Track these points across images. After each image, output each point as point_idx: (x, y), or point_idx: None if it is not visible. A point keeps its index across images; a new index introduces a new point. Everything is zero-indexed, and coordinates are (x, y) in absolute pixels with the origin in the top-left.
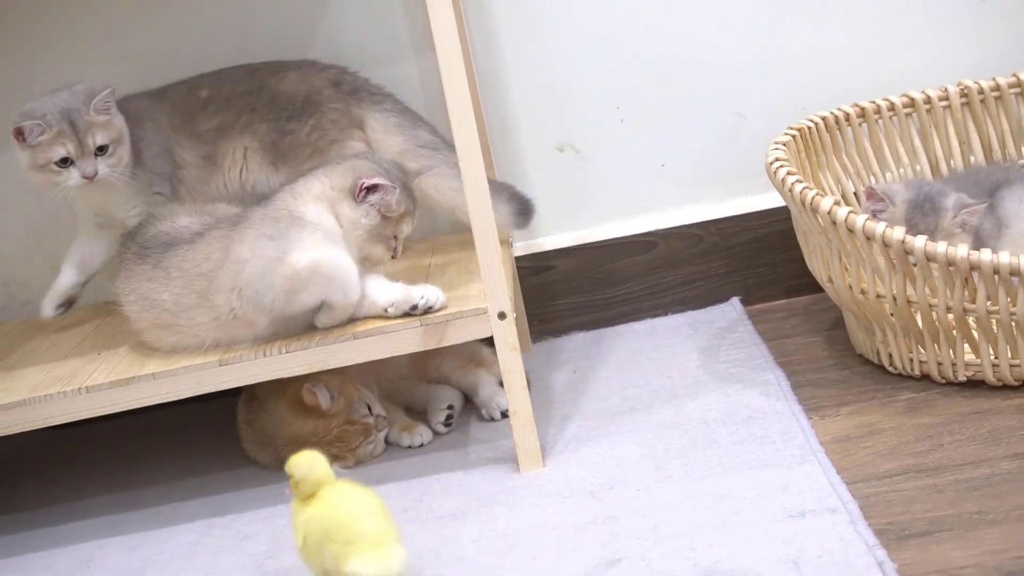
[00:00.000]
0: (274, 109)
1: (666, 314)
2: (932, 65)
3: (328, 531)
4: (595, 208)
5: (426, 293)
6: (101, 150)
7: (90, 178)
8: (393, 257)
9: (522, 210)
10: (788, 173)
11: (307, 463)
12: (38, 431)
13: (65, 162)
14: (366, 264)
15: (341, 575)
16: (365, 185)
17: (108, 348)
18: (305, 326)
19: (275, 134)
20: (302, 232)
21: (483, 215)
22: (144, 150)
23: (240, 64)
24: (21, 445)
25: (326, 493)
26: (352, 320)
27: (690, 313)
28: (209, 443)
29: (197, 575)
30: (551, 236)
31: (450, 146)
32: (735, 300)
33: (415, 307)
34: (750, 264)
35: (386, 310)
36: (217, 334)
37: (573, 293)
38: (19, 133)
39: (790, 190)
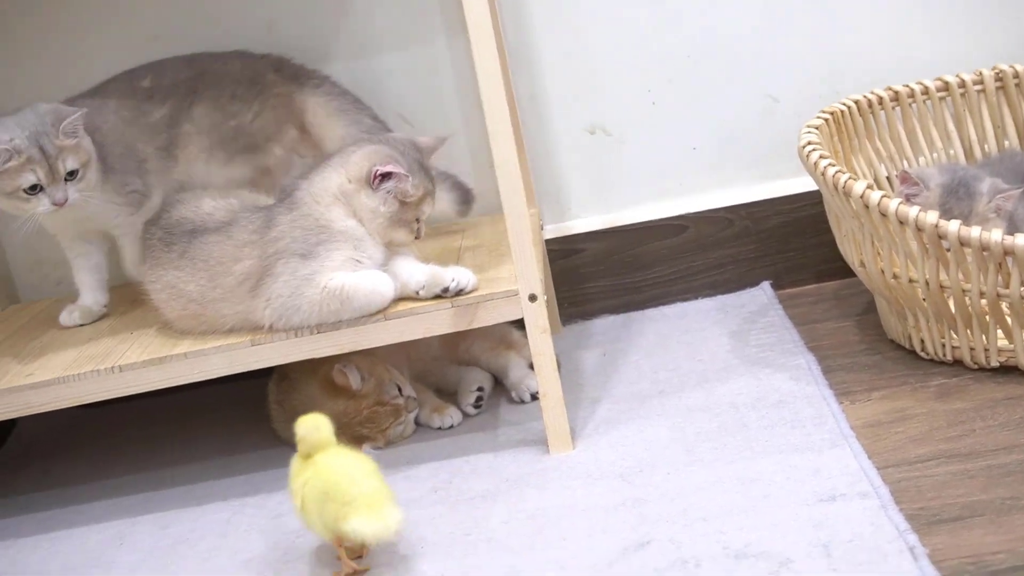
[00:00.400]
0: (217, 91)
1: (696, 298)
2: (967, 48)
3: (327, 492)
4: (625, 191)
5: (457, 275)
6: (71, 175)
7: (60, 205)
8: (416, 238)
9: (464, 199)
10: (821, 157)
11: (313, 424)
12: (71, 409)
13: (34, 188)
14: (390, 247)
15: (341, 533)
16: (379, 172)
17: (140, 328)
18: None
19: (219, 115)
20: (331, 249)
21: (515, 197)
22: (108, 154)
23: (180, 56)
24: (55, 423)
25: (322, 457)
26: None
27: (720, 297)
28: (240, 423)
29: (229, 553)
30: (581, 219)
31: (390, 132)
32: (765, 284)
33: (446, 289)
34: (781, 248)
35: (417, 292)
36: (243, 326)
37: (603, 276)
38: None
39: (823, 174)
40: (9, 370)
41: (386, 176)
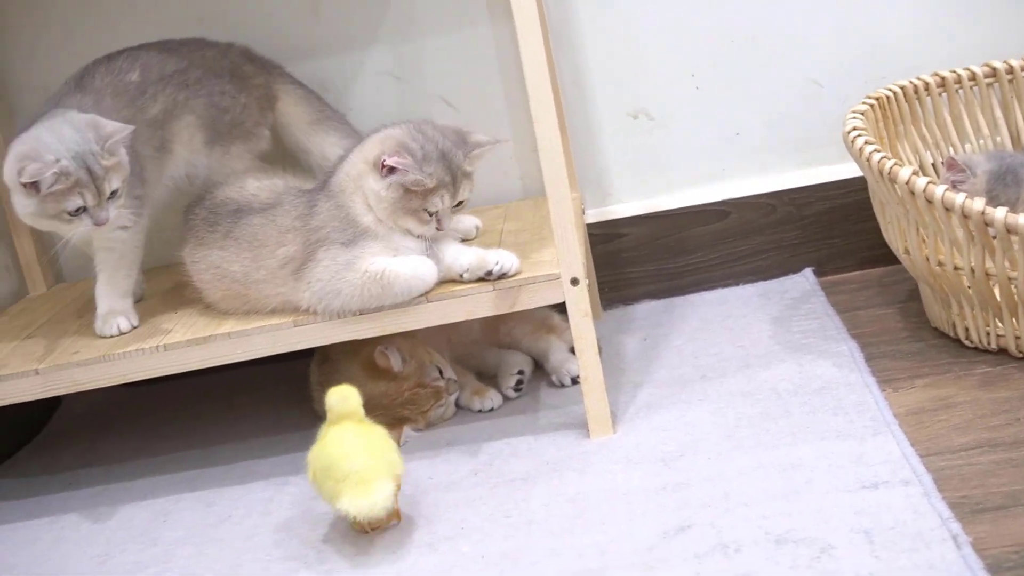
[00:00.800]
0: (209, 84)
1: (738, 284)
2: (1015, 34)
3: (325, 468)
4: (668, 176)
5: (500, 259)
6: (112, 194)
7: (102, 225)
8: (439, 229)
9: None
10: (866, 142)
11: (341, 395)
12: (115, 388)
13: (78, 211)
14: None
15: (336, 511)
16: (385, 163)
17: (185, 307)
18: None
19: (213, 109)
20: (369, 239)
21: (558, 181)
22: None
23: (147, 44)
24: (99, 401)
25: (328, 434)
26: None
27: (762, 283)
28: (283, 403)
29: (271, 531)
30: (623, 204)
31: (341, 115)
32: (808, 271)
33: (490, 272)
34: (824, 235)
35: (461, 275)
36: (285, 307)
37: (644, 261)
38: (33, 185)
39: (868, 159)
40: (55, 347)
41: (392, 169)
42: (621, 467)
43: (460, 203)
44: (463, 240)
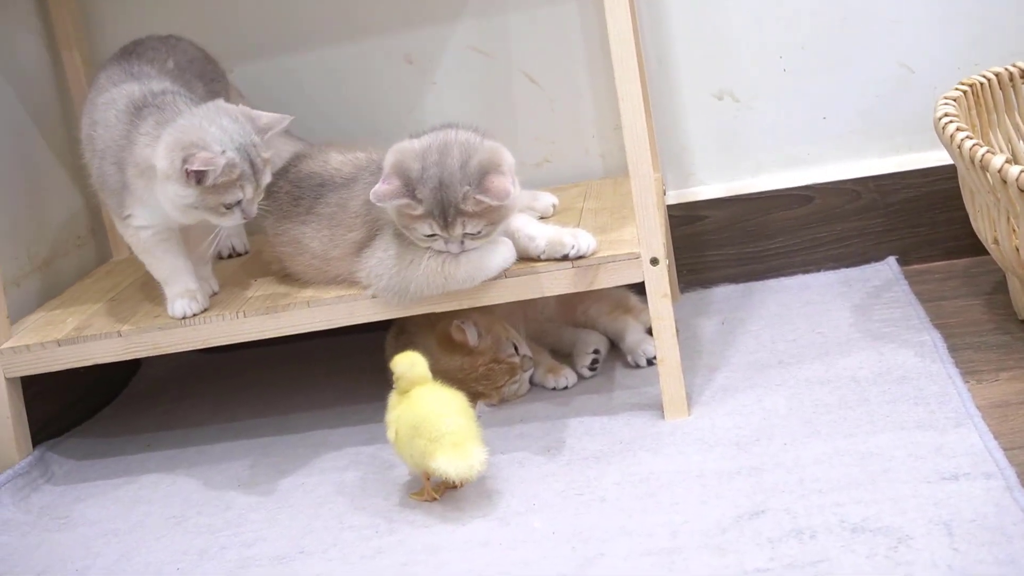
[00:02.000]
0: (207, 75)
1: (819, 270)
2: None
3: (416, 427)
4: (751, 159)
5: (577, 242)
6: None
7: (250, 219)
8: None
9: None
10: (957, 129)
11: (408, 362)
12: (194, 353)
13: (230, 206)
14: None
15: (427, 469)
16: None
17: (264, 275)
18: None
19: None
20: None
21: (641, 159)
22: None
23: (142, 40)
24: (176, 366)
25: (417, 392)
26: None
27: (844, 271)
28: (358, 373)
29: (344, 499)
30: (705, 186)
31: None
32: (891, 259)
33: (566, 256)
34: (909, 223)
35: (539, 256)
36: (361, 283)
37: (724, 245)
38: (200, 174)
39: (959, 147)
40: (137, 311)
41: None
42: (695, 449)
43: None
44: (540, 218)
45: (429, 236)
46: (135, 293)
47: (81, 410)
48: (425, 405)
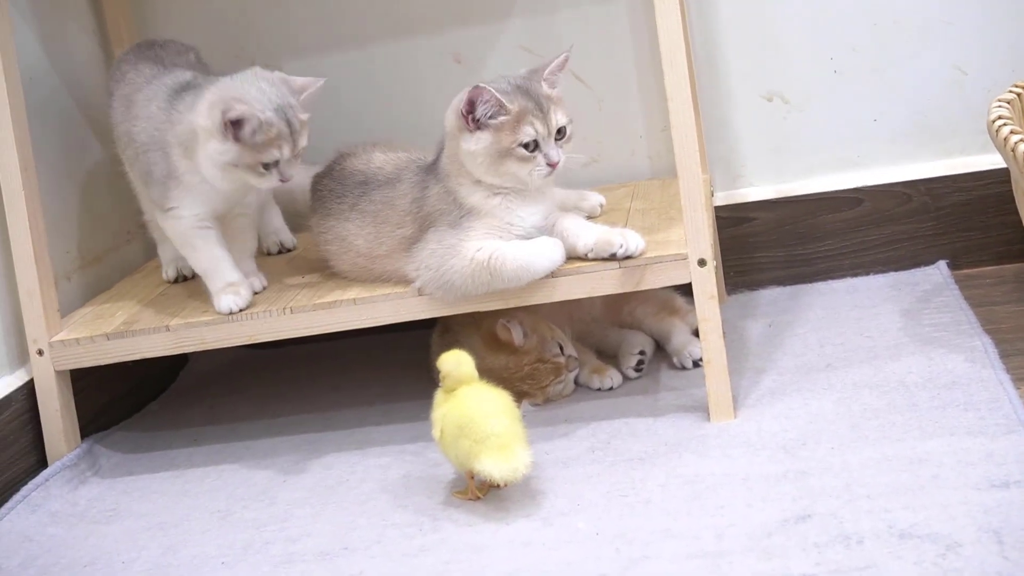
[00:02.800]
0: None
1: (868, 274)
2: None
3: (462, 427)
4: (801, 161)
5: (625, 241)
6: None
7: (287, 181)
8: (547, 165)
9: None
10: (1011, 132)
11: (454, 360)
12: (240, 348)
13: (268, 166)
14: (539, 198)
15: (471, 470)
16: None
17: (311, 272)
18: None
19: None
20: (474, 219)
21: (689, 160)
22: None
23: (154, 40)
24: (223, 361)
25: (463, 391)
26: None
27: (893, 274)
28: (403, 371)
29: (388, 496)
30: (754, 187)
31: None
32: (942, 263)
33: (614, 255)
34: (960, 227)
35: (586, 255)
36: (407, 281)
37: (772, 247)
38: (236, 124)
39: (1012, 149)
40: (185, 306)
41: (471, 108)
42: (741, 452)
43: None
44: (587, 218)
45: (531, 148)
46: (183, 289)
47: (129, 404)
48: (471, 405)
